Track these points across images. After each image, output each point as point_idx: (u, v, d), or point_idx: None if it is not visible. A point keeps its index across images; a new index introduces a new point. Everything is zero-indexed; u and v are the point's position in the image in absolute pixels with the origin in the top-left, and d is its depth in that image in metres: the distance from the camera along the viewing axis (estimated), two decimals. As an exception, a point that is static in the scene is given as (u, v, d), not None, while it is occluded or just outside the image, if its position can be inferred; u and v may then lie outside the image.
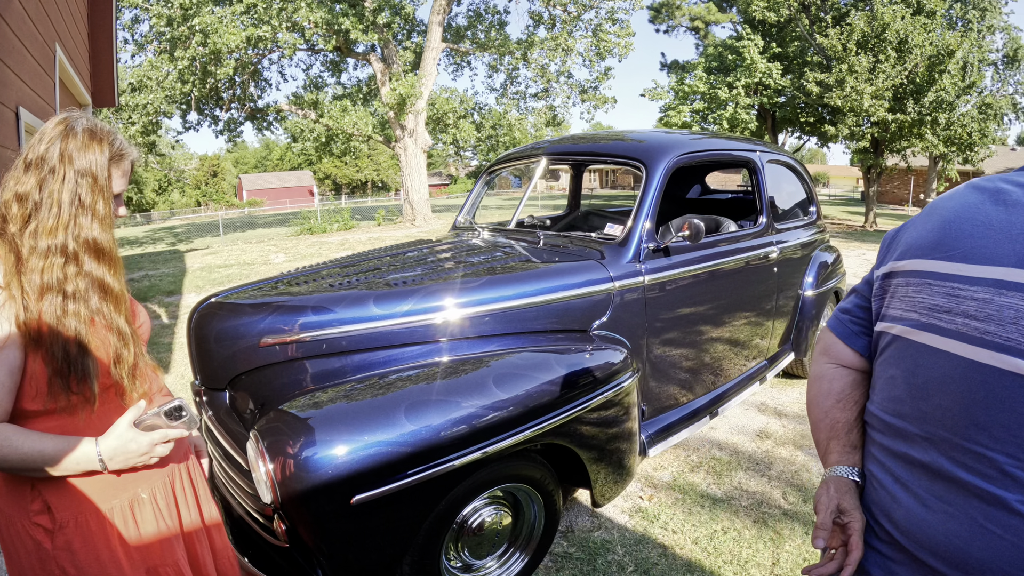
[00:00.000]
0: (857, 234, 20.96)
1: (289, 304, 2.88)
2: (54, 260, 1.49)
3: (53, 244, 1.50)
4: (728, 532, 3.45)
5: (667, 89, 31.32)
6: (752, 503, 3.75)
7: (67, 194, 1.52)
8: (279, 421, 2.28)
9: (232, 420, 2.77)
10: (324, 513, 2.16)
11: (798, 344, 5.22)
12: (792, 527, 3.49)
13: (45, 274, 1.48)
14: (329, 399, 2.40)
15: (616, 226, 3.90)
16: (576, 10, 21.60)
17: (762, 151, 4.81)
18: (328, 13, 18.89)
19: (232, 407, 2.86)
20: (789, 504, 3.73)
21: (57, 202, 1.51)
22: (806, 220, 5.47)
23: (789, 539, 3.38)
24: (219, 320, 2.85)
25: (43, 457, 1.47)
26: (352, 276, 3.27)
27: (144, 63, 19.20)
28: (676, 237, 3.56)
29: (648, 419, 3.75)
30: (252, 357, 2.79)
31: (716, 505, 3.71)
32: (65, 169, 1.52)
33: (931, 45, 19.28)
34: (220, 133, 22.62)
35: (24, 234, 1.49)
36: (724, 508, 3.68)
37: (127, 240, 24.42)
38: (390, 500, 2.24)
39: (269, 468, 2.14)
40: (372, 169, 74.82)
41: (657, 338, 3.69)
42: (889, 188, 44.19)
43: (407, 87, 19.40)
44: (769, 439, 4.57)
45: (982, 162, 26.39)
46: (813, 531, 1.35)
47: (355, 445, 2.18)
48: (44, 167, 1.51)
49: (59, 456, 1.49)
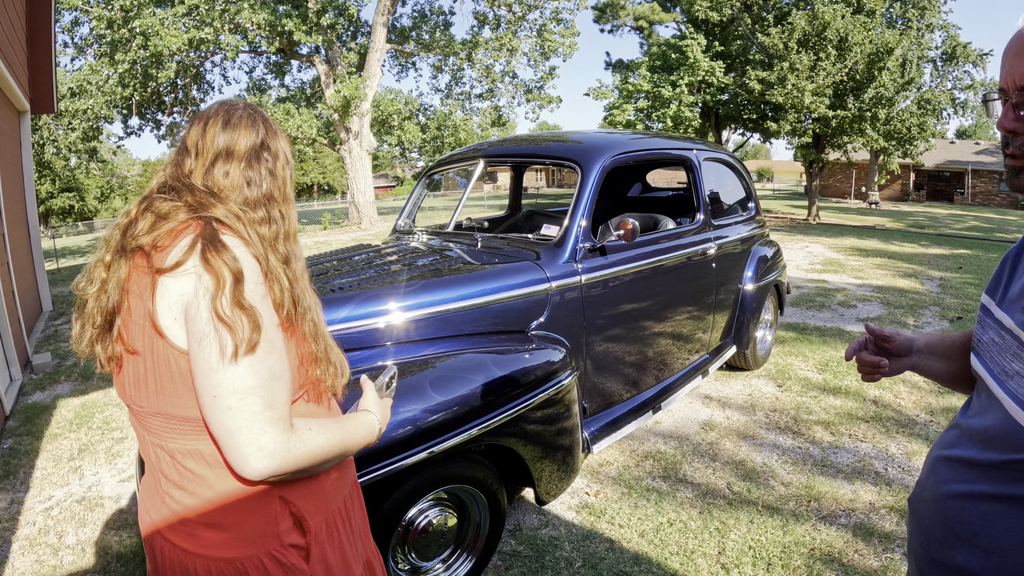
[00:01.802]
0: (800, 227, 21.35)
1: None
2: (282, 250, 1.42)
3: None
4: (674, 524, 3.51)
5: (611, 88, 31.55)
6: (697, 495, 3.81)
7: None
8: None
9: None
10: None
11: (740, 337, 5.32)
12: (737, 516, 3.56)
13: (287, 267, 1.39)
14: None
15: (552, 227, 3.94)
16: (521, 10, 21.66)
17: (699, 149, 4.89)
18: (271, 15, 18.66)
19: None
20: (734, 494, 3.81)
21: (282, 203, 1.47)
22: (745, 216, 5.58)
23: (734, 528, 3.45)
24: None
25: (345, 440, 1.41)
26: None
27: (84, 67, 18.76)
28: (613, 236, 3.60)
29: (590, 416, 3.80)
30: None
31: (662, 498, 3.77)
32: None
33: (871, 43, 19.77)
34: (162, 138, 22.20)
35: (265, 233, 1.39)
36: (670, 501, 3.74)
37: (69, 250, 23.87)
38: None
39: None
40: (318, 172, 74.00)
41: (597, 336, 3.73)
42: (832, 182, 45.10)
43: (351, 89, 19.27)
44: (713, 431, 4.65)
45: (921, 155, 27.13)
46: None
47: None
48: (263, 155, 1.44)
49: (358, 433, 1.46)
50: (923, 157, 34.68)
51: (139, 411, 1.33)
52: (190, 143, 1.41)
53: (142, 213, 1.33)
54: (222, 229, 1.28)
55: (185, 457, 1.30)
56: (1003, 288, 1.28)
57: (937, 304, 8.71)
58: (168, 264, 1.22)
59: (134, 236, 1.29)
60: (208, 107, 1.47)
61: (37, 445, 4.83)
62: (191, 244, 1.23)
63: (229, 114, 1.43)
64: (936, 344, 1.55)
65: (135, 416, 1.36)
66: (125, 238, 1.31)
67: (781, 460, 4.22)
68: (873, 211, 31.65)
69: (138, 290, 1.26)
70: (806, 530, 3.42)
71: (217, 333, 1.20)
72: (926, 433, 4.54)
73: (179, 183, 1.37)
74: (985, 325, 1.29)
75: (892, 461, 4.17)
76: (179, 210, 1.30)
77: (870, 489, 3.83)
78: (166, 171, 1.42)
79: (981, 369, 1.25)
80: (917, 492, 1.38)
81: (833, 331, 7.25)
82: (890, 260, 13.12)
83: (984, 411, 1.22)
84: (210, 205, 1.32)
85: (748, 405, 5.10)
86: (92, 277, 1.35)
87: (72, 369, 6.67)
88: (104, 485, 4.21)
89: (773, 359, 6.17)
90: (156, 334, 1.24)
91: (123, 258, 1.30)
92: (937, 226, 23.21)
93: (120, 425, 5.12)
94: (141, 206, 1.35)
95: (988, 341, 1.26)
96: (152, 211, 1.32)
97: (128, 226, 1.33)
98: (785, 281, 6.19)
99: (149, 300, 1.23)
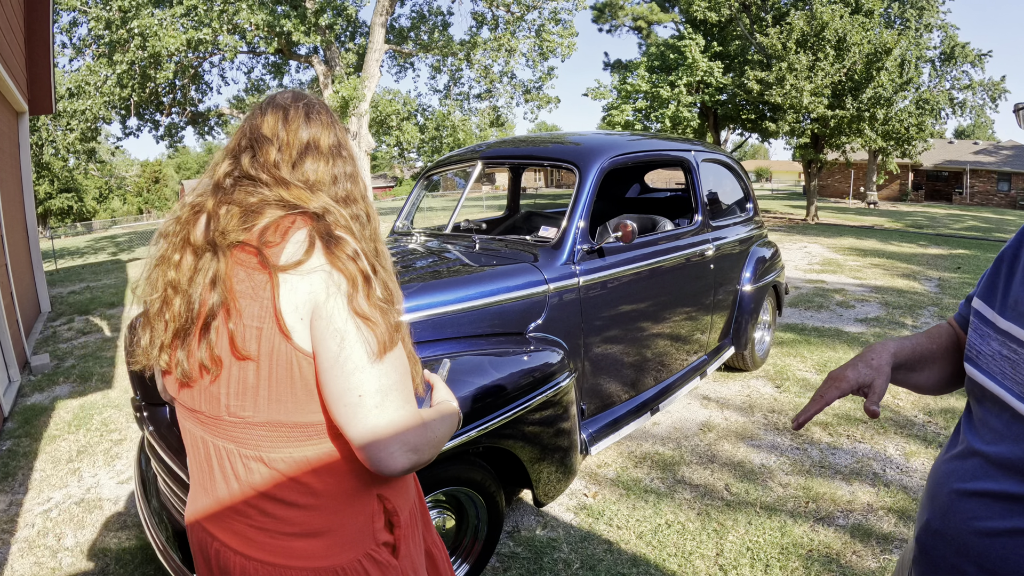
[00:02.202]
0: (799, 227, 21.37)
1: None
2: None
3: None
4: (672, 526, 3.51)
5: (610, 88, 31.48)
6: (695, 496, 3.82)
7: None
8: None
9: (173, 435, 2.74)
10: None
11: (738, 338, 5.33)
12: (735, 518, 3.57)
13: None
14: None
15: (551, 228, 3.94)
16: (519, 11, 21.62)
17: (697, 150, 4.90)
18: (269, 15, 18.62)
19: (173, 421, 2.83)
20: (732, 495, 3.81)
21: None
22: (743, 216, 5.59)
23: (732, 530, 3.46)
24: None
25: (451, 430, 1.40)
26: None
27: (82, 67, 18.72)
28: (611, 238, 3.61)
29: (588, 418, 3.81)
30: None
31: (660, 499, 3.78)
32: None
33: (869, 43, 19.79)
34: (161, 138, 22.13)
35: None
36: (668, 502, 3.75)
37: (68, 251, 23.85)
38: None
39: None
40: (317, 172, 73.76)
41: (595, 338, 3.74)
42: (830, 182, 45.12)
43: (349, 89, 19.24)
44: (712, 432, 4.66)
45: (919, 155, 27.16)
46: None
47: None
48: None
49: (453, 422, 1.44)
50: (921, 157, 34.69)
51: (235, 422, 1.25)
52: (268, 132, 1.33)
53: (220, 205, 1.27)
54: (334, 225, 1.24)
55: (288, 466, 1.25)
56: (1001, 293, 1.21)
57: (935, 304, 8.72)
58: (290, 261, 1.17)
59: (223, 231, 1.22)
60: (276, 96, 1.39)
61: (36, 447, 4.83)
62: (309, 241, 1.19)
63: (308, 108, 1.37)
64: (915, 359, 1.41)
65: (219, 427, 1.28)
66: (209, 233, 1.24)
67: (779, 461, 4.22)
68: (871, 211, 31.66)
69: (249, 290, 1.19)
70: (804, 531, 3.42)
71: (360, 332, 1.18)
72: (924, 434, 4.54)
73: (267, 174, 1.30)
74: (984, 335, 1.21)
75: (890, 462, 4.17)
76: (269, 203, 1.25)
77: (868, 490, 3.84)
78: (240, 160, 1.33)
79: (996, 388, 1.15)
80: (933, 528, 1.25)
81: (831, 332, 7.25)
82: (888, 260, 13.13)
83: (1018, 437, 1.09)
84: (309, 199, 1.27)
85: (746, 406, 5.11)
86: (156, 279, 1.29)
87: (71, 370, 6.67)
88: (103, 487, 4.21)
89: (771, 360, 6.18)
90: (281, 336, 1.18)
91: (214, 255, 1.22)
92: (935, 226, 23.23)
93: (119, 427, 5.12)
94: (217, 197, 1.29)
95: (993, 354, 1.18)
96: (235, 203, 1.26)
97: (202, 220, 1.28)
98: (783, 282, 6.20)
99: (268, 300, 1.17)
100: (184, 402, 1.32)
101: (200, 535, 1.37)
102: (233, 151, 1.36)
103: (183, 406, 1.33)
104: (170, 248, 1.29)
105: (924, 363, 1.42)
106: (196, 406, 1.29)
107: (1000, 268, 1.25)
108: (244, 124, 1.39)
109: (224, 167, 1.34)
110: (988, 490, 1.12)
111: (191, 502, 1.42)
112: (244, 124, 1.39)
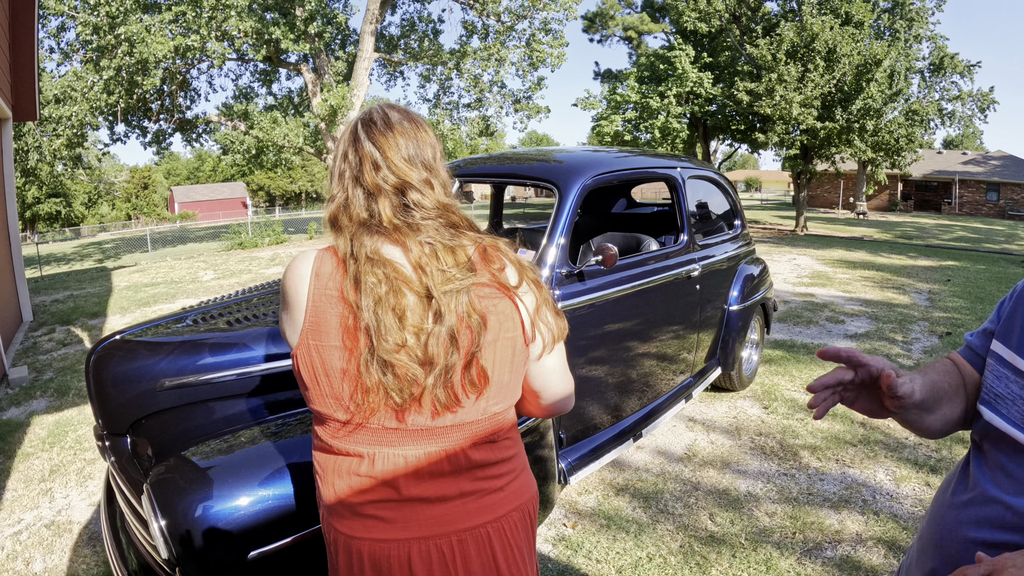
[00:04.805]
0: (788, 239, 21.37)
1: (188, 343, 2.75)
2: None
3: None
4: (653, 559, 3.40)
5: (600, 99, 31.47)
6: (678, 527, 3.71)
7: None
8: (171, 473, 2.15)
9: (134, 468, 2.63)
10: (220, 570, 2.05)
11: (725, 358, 5.24)
12: (719, 551, 3.46)
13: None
14: (226, 447, 2.28)
15: (528, 252, 3.85)
16: (510, 20, 21.61)
17: (684, 167, 4.80)
18: (258, 22, 18.53)
19: (134, 453, 2.71)
20: (716, 526, 3.71)
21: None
22: (731, 234, 5.50)
23: (716, 564, 3.35)
24: (116, 362, 2.70)
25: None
26: (259, 310, 3.15)
27: (68, 73, 18.61)
28: (592, 261, 3.50)
29: (568, 446, 3.69)
30: (150, 401, 2.64)
31: (642, 530, 3.67)
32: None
33: (859, 55, 19.87)
34: (148, 145, 22.03)
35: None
36: (650, 533, 3.64)
37: (54, 256, 23.69)
38: (289, 553, 2.14)
39: (161, 524, 2.02)
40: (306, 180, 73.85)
41: (574, 363, 3.63)
42: (819, 192, 45.30)
43: (338, 98, 19.17)
44: (696, 457, 4.56)
45: (909, 166, 27.24)
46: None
47: (252, 497, 2.07)
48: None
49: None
50: (911, 167, 34.87)
51: (459, 427, 1.41)
52: (420, 161, 1.45)
53: (443, 250, 1.37)
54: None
55: (498, 431, 1.48)
56: (1018, 334, 1.15)
57: (926, 319, 8.67)
58: (517, 284, 1.42)
59: (461, 267, 1.36)
60: (399, 116, 1.47)
61: (9, 465, 4.71)
62: (516, 265, 1.45)
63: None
64: (933, 398, 1.28)
65: (437, 435, 1.40)
66: (446, 277, 1.34)
67: (766, 488, 4.12)
68: (861, 222, 31.76)
69: (498, 311, 1.39)
70: (790, 564, 3.32)
71: (559, 327, 1.50)
72: (915, 457, 4.46)
73: (444, 210, 1.44)
74: (1003, 377, 1.16)
75: (880, 489, 4.08)
76: (463, 235, 1.43)
77: (857, 519, 3.74)
78: (424, 192, 1.42)
79: (1019, 435, 1.10)
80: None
81: (821, 348, 7.17)
82: (878, 272, 13.11)
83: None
84: (476, 228, 1.50)
85: (733, 428, 5.01)
86: (397, 332, 1.32)
87: (48, 384, 6.53)
88: (74, 509, 4.09)
89: (759, 379, 6.09)
90: (523, 341, 1.44)
91: (454, 295, 1.34)
92: (925, 237, 23.29)
93: (92, 446, 4.99)
94: (423, 242, 1.38)
95: (1014, 398, 1.12)
96: (443, 244, 1.38)
97: (426, 266, 1.35)
98: (772, 299, 6.11)
99: (516, 316, 1.42)
100: (413, 421, 1.40)
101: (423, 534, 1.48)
102: (399, 175, 1.48)
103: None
104: (396, 296, 1.42)
105: (940, 403, 1.31)
106: (423, 424, 1.40)
107: (1018, 308, 1.19)
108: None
109: (401, 198, 1.49)
110: (1014, 543, 1.05)
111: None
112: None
